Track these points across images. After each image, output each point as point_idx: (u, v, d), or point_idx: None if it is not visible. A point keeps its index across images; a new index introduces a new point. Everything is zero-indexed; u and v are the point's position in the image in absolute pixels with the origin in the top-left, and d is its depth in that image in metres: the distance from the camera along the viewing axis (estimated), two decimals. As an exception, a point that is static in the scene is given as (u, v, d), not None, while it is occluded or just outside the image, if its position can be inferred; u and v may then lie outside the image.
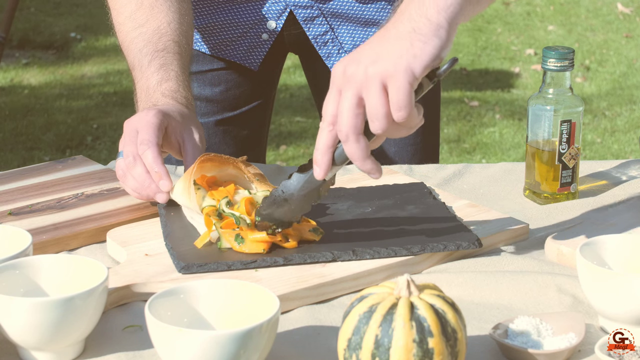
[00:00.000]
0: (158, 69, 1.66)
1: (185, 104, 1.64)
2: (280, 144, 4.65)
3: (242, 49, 1.95)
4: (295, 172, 1.37)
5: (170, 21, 1.72)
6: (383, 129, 1.25)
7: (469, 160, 4.49)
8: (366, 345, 1.08)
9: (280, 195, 1.38)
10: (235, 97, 2.00)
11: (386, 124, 1.24)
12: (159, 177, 1.52)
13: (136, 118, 1.56)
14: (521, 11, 6.87)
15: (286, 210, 1.39)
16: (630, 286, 1.22)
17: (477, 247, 1.45)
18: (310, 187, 1.36)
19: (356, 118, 1.25)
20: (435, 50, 1.24)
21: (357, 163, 1.28)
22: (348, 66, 1.26)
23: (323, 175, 1.31)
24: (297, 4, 1.88)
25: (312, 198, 1.37)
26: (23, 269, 1.25)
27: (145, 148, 1.52)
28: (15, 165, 4.26)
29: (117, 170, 1.56)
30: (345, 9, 1.89)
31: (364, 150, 1.26)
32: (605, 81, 5.53)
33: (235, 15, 1.91)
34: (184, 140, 1.59)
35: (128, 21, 1.73)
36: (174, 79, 1.66)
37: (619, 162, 1.84)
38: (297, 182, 1.36)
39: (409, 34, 1.24)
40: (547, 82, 1.64)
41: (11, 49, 5.89)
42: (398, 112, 1.23)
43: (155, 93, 1.64)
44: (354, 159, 1.27)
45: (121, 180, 1.56)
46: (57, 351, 1.20)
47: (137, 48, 1.70)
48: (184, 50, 1.72)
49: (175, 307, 1.19)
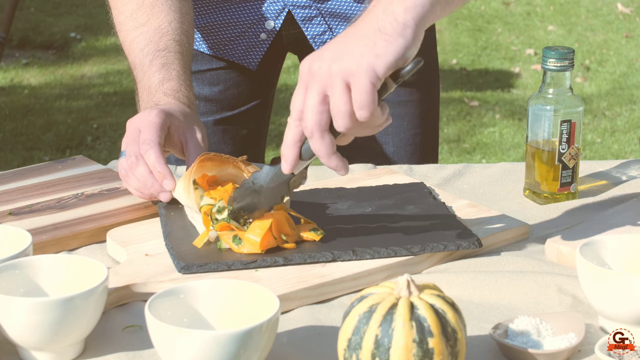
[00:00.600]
0: (160, 68, 1.66)
1: (187, 103, 1.64)
2: (280, 143, 4.65)
3: (241, 48, 1.95)
4: (266, 165, 1.38)
5: (172, 20, 1.72)
6: (346, 127, 1.25)
7: (469, 160, 4.49)
8: (366, 345, 1.08)
9: (250, 187, 1.39)
10: (234, 96, 2.00)
11: (349, 122, 1.24)
12: (162, 177, 1.52)
13: (138, 117, 1.56)
14: (521, 11, 6.87)
15: (256, 201, 1.40)
16: (630, 286, 1.22)
17: (477, 247, 1.45)
18: (279, 180, 1.37)
19: (320, 115, 1.25)
20: (400, 50, 1.23)
21: (323, 159, 1.28)
22: (313, 62, 1.26)
23: (290, 170, 1.32)
24: (295, 4, 1.88)
25: (281, 191, 1.39)
26: (23, 269, 1.25)
27: (148, 148, 1.52)
28: (15, 165, 4.26)
29: (119, 169, 1.56)
30: (343, 8, 1.89)
31: (328, 146, 1.27)
32: (605, 81, 5.53)
33: (234, 15, 1.91)
34: (186, 140, 1.59)
35: (129, 20, 1.73)
36: (176, 79, 1.66)
37: (619, 162, 1.84)
38: (266, 174, 1.38)
39: (374, 32, 1.24)
40: (547, 82, 1.64)
41: (11, 49, 5.89)
42: (360, 110, 1.23)
43: (157, 92, 1.64)
44: (319, 155, 1.28)
45: (124, 179, 1.56)
46: (57, 351, 1.20)
47: (138, 47, 1.70)
48: (185, 49, 1.72)
49: (175, 307, 1.19)
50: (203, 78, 1.99)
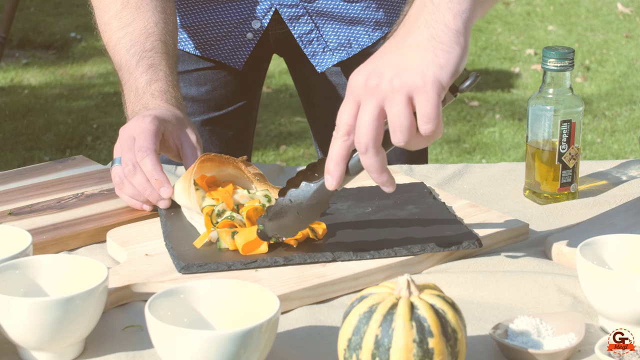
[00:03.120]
0: (147, 69, 1.66)
1: (175, 104, 1.64)
2: (280, 144, 4.65)
3: (227, 48, 1.95)
4: (304, 182, 1.34)
5: (157, 21, 1.71)
6: (406, 141, 1.22)
7: (469, 160, 4.49)
8: (366, 345, 1.08)
9: (287, 205, 1.35)
10: (221, 96, 2.00)
11: (409, 136, 1.21)
12: (159, 185, 1.52)
13: (132, 125, 1.55)
14: (521, 11, 6.88)
15: (294, 220, 1.37)
16: (630, 286, 1.22)
17: (477, 247, 1.45)
18: (321, 197, 1.33)
19: (377, 130, 1.22)
20: (458, 59, 1.21)
21: (374, 174, 1.25)
22: (370, 77, 1.22)
23: (336, 186, 1.28)
24: (282, 3, 1.88)
25: (321, 207, 1.35)
26: (23, 269, 1.25)
27: (144, 155, 1.51)
28: (15, 165, 4.26)
29: (113, 177, 1.56)
30: (330, 7, 1.90)
31: (382, 162, 1.24)
32: (605, 81, 5.53)
33: (220, 15, 1.91)
34: (181, 143, 1.59)
35: (114, 20, 1.72)
36: (163, 79, 1.65)
37: (619, 162, 1.84)
38: (306, 191, 1.33)
39: (429, 42, 1.21)
40: (547, 82, 1.64)
41: (11, 49, 5.89)
42: (427, 124, 1.20)
43: (144, 94, 1.63)
44: (372, 171, 1.25)
45: (118, 187, 1.55)
46: (57, 351, 1.20)
47: (124, 48, 1.69)
48: (171, 50, 1.71)
49: (175, 307, 1.19)
50: (190, 78, 1.99)
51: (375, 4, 1.92)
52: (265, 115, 4.96)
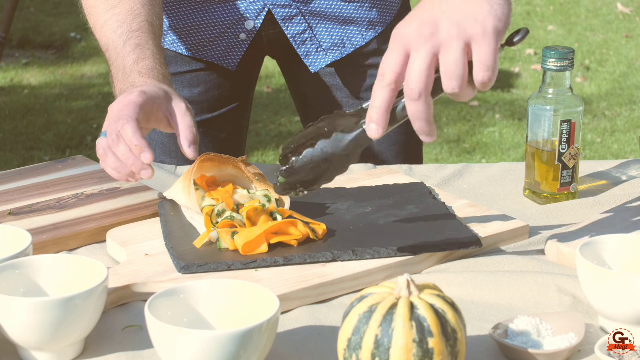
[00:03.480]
0: (134, 48, 1.65)
1: (162, 80, 1.62)
2: (280, 144, 4.65)
3: (220, 49, 1.94)
4: (336, 133, 1.31)
5: (144, 3, 1.71)
6: (460, 88, 1.23)
7: (469, 160, 4.49)
8: (366, 345, 1.08)
9: (318, 155, 1.32)
10: (214, 98, 2.00)
11: (462, 83, 1.22)
12: (139, 150, 1.46)
13: (119, 99, 1.53)
14: (521, 11, 6.87)
15: (323, 171, 1.33)
16: (630, 286, 1.22)
17: (477, 247, 1.45)
18: (355, 147, 1.31)
19: (429, 77, 1.22)
20: (510, 12, 1.24)
21: (421, 123, 1.24)
22: (424, 27, 1.22)
23: (381, 134, 1.26)
24: (275, 3, 1.88)
25: (353, 159, 1.32)
26: (23, 269, 1.25)
27: (124, 122, 1.47)
28: (15, 165, 4.26)
29: (98, 149, 1.51)
30: (324, 7, 1.90)
31: (431, 110, 1.24)
32: (605, 81, 5.53)
33: (213, 16, 1.91)
34: (171, 112, 1.55)
35: (100, 3, 1.71)
36: (151, 58, 1.64)
37: (619, 162, 1.84)
38: (340, 141, 1.31)
39: None
40: (547, 82, 1.65)
41: (11, 49, 5.89)
42: (486, 72, 1.22)
43: (132, 72, 1.62)
44: (420, 119, 1.24)
45: (101, 159, 1.50)
46: (57, 351, 1.20)
47: (111, 29, 1.68)
48: (157, 30, 1.70)
49: (175, 307, 1.19)
50: (183, 80, 1.98)
51: (368, 4, 1.92)
52: (265, 115, 4.96)
